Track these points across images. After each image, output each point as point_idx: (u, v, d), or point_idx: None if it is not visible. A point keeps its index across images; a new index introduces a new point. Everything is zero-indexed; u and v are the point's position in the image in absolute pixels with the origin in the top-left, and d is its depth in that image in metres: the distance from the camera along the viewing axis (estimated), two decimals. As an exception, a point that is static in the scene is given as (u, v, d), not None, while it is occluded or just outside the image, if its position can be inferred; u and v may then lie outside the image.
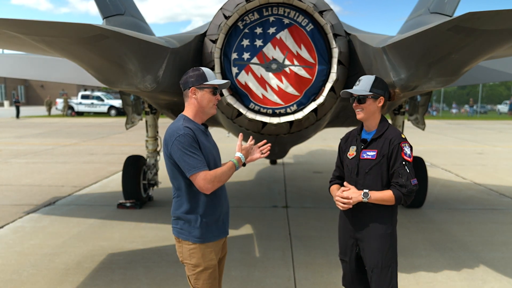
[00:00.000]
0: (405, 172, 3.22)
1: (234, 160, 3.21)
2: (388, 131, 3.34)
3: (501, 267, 5.58)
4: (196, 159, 3.02)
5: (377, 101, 3.32)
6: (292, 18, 5.19)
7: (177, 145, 3.04)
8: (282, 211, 8.20)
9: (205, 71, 3.20)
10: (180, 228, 3.21)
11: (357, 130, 3.52)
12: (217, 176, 3.06)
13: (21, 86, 70.02)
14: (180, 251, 3.25)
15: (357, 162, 3.37)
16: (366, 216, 3.34)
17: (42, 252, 5.97)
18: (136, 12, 6.02)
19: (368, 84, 3.32)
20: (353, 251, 3.47)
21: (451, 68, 4.28)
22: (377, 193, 3.24)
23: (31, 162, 13.58)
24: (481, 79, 10.79)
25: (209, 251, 3.19)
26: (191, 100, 3.20)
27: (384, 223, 3.31)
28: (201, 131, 3.19)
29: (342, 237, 3.57)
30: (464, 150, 17.74)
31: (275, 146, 7.39)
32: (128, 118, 9.46)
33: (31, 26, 3.67)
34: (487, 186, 10.62)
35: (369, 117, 3.35)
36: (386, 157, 3.27)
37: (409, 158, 3.25)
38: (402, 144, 3.26)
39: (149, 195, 8.85)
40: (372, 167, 3.29)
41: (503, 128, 30.72)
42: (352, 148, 3.46)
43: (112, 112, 41.69)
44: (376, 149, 3.31)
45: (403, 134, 3.38)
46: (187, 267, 3.23)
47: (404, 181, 3.21)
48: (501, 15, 3.19)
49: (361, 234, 3.38)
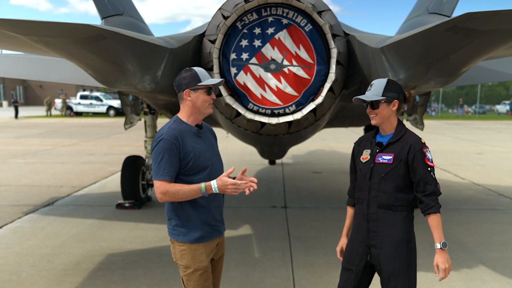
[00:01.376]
0: (432, 179, 3.13)
1: (202, 185, 2.99)
2: (406, 135, 3.21)
3: (500, 267, 5.58)
4: (162, 167, 3.01)
5: (391, 105, 3.17)
6: (291, 18, 5.19)
7: (154, 148, 3.07)
8: (281, 211, 8.19)
9: (198, 71, 3.16)
10: (172, 229, 3.21)
11: (372, 134, 3.38)
12: (171, 192, 2.99)
13: (19, 86, 69.94)
14: (173, 251, 3.25)
15: (372, 165, 3.24)
16: (379, 223, 3.22)
17: (41, 253, 5.97)
18: (134, 12, 6.02)
19: (380, 88, 3.17)
20: (363, 259, 3.31)
21: (450, 68, 4.28)
22: (439, 231, 3.26)
23: (30, 163, 13.57)
24: (480, 79, 10.83)
25: (199, 252, 3.16)
26: (186, 102, 3.16)
27: (400, 229, 3.22)
28: (192, 132, 3.15)
29: (351, 245, 3.41)
30: (463, 150, 17.75)
31: (274, 146, 7.41)
32: (127, 118, 9.47)
33: (29, 26, 3.67)
34: (486, 186, 10.63)
35: (384, 122, 3.22)
36: (404, 162, 3.14)
37: (432, 164, 3.15)
38: (424, 149, 3.14)
39: (148, 196, 8.85)
40: (388, 172, 3.16)
41: (502, 128, 30.74)
42: (366, 152, 3.31)
43: (111, 113, 41.66)
44: (393, 153, 3.17)
45: (423, 139, 3.25)
46: (180, 268, 3.23)
47: (433, 188, 3.13)
48: (499, 15, 3.20)
49: (375, 240, 3.23)
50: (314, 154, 15.91)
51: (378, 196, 3.20)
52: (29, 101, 69.76)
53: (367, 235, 3.27)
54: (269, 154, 9.14)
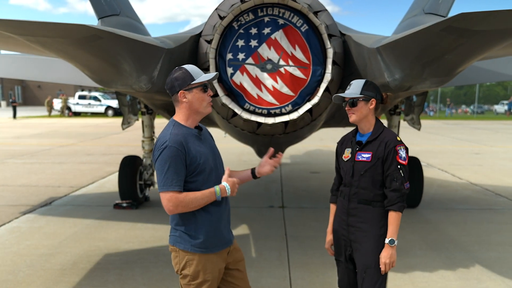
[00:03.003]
0: (399, 176, 3.23)
1: (217, 189, 2.89)
2: (383, 134, 3.34)
3: (497, 267, 5.60)
4: (170, 177, 2.81)
5: (368, 104, 3.31)
6: (287, 18, 5.19)
7: (158, 157, 2.85)
8: (279, 211, 8.20)
9: (189, 69, 2.94)
10: (178, 236, 2.99)
11: (352, 133, 3.52)
12: (184, 202, 2.82)
13: (18, 86, 69.89)
14: (176, 261, 3.01)
15: (352, 164, 3.38)
16: (359, 218, 3.36)
17: (38, 253, 5.98)
18: (131, 13, 6.03)
19: (359, 87, 3.33)
20: (346, 252, 3.48)
21: (445, 69, 4.29)
22: (393, 227, 3.25)
23: (28, 163, 13.57)
24: (477, 79, 10.85)
25: (209, 262, 2.98)
26: (182, 104, 2.95)
27: (377, 224, 3.31)
28: (193, 135, 2.97)
29: (336, 238, 3.59)
30: (460, 150, 17.77)
31: (270, 146, 7.41)
32: (125, 118, 9.46)
33: (25, 27, 3.68)
34: (483, 186, 10.65)
35: (362, 120, 3.36)
36: (381, 159, 3.27)
37: (404, 162, 3.26)
38: (398, 147, 3.26)
39: (145, 196, 8.86)
40: (367, 169, 3.30)
41: (500, 128, 30.79)
42: (348, 151, 3.46)
43: (109, 113, 41.68)
44: (371, 151, 3.31)
45: (399, 137, 3.38)
46: (183, 278, 3.01)
47: (398, 185, 3.23)
48: (493, 16, 3.21)
49: (355, 235, 3.38)
50: (312, 154, 15.93)
51: (358, 192, 3.36)
52: (28, 101, 69.73)
53: (347, 229, 3.44)
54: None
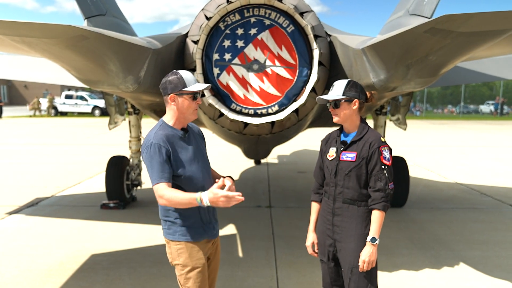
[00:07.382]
0: (383, 177, 3.27)
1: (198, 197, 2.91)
2: (368, 134, 3.37)
3: (481, 265, 5.66)
4: (155, 171, 3.00)
5: (351, 104, 3.34)
6: (273, 19, 5.21)
7: (145, 155, 3.05)
8: (266, 211, 8.23)
9: (184, 76, 3.11)
10: (167, 228, 3.20)
11: (337, 132, 3.55)
12: (166, 196, 2.95)
13: (3, 86, 69.12)
14: (169, 252, 3.24)
15: (337, 163, 3.41)
16: (344, 217, 3.39)
17: (25, 253, 5.94)
18: (117, 13, 6.01)
19: (341, 88, 3.36)
20: (330, 252, 3.50)
21: (430, 69, 4.33)
22: (375, 226, 3.27)
23: (14, 163, 13.47)
24: (462, 80, 10.95)
25: (196, 250, 3.17)
26: (171, 106, 3.15)
27: (361, 224, 3.34)
28: (178, 137, 3.15)
29: (319, 237, 3.60)
30: (446, 150, 17.93)
31: (257, 146, 7.44)
32: (111, 118, 9.42)
33: (10, 27, 3.65)
34: (468, 185, 10.76)
35: (346, 120, 3.39)
36: (365, 159, 3.31)
37: (388, 162, 3.30)
38: (382, 148, 3.30)
39: (132, 196, 8.85)
40: (351, 169, 3.33)
41: (486, 128, 31.06)
42: (332, 150, 3.49)
43: (96, 112, 41.45)
44: (355, 151, 3.34)
45: (383, 138, 3.41)
46: (177, 268, 3.22)
47: (382, 185, 3.26)
48: (476, 17, 3.26)
49: (340, 235, 3.41)
50: (299, 154, 15.99)
51: (343, 192, 3.39)
52: (14, 101, 68.99)
53: (332, 229, 3.46)
54: (253, 154, 9.16)
